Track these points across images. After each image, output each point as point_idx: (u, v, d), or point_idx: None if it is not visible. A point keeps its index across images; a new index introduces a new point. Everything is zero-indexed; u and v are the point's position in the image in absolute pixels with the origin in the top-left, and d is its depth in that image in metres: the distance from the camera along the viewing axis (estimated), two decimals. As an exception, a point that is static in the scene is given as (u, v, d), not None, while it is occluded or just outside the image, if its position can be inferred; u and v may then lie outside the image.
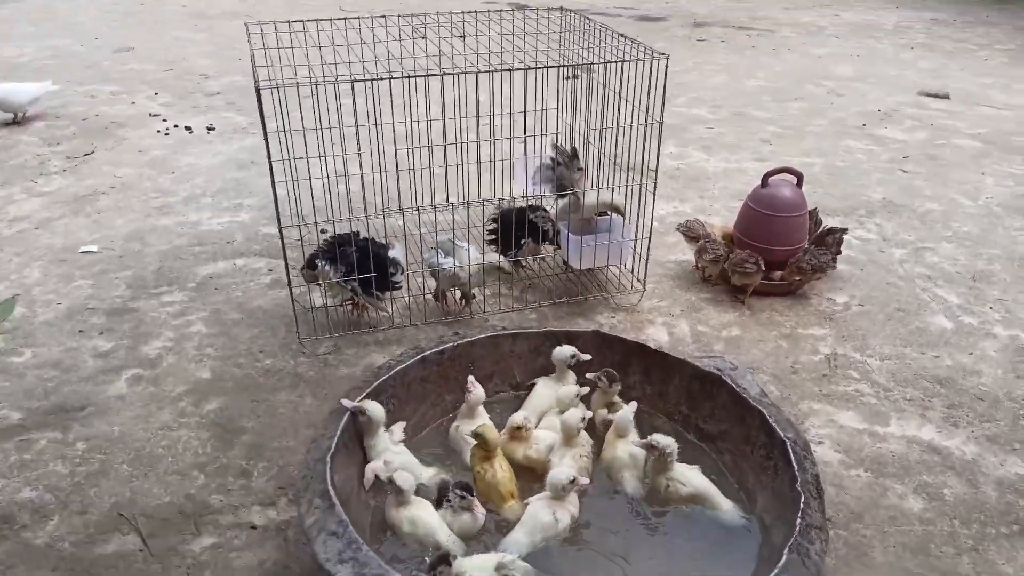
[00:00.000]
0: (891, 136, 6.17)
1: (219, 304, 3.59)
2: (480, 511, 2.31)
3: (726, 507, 2.40)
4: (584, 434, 2.58)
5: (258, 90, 2.76)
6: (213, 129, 5.78)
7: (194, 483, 2.58)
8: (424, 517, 2.25)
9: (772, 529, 2.27)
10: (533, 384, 2.90)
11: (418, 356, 2.74)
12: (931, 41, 9.38)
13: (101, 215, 4.42)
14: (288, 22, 3.50)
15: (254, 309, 3.55)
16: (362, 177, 3.38)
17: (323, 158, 3.15)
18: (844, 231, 4.04)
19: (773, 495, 2.34)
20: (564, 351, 2.81)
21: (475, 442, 2.50)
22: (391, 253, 3.31)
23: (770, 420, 2.42)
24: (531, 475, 2.54)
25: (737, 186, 5.08)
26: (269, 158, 2.88)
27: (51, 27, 8.64)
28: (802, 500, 2.13)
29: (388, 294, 3.37)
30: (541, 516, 2.27)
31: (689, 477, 2.42)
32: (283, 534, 2.40)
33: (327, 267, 3.20)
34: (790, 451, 2.30)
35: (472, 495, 2.31)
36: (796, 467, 2.24)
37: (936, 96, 7.22)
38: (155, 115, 6.05)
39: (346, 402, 2.42)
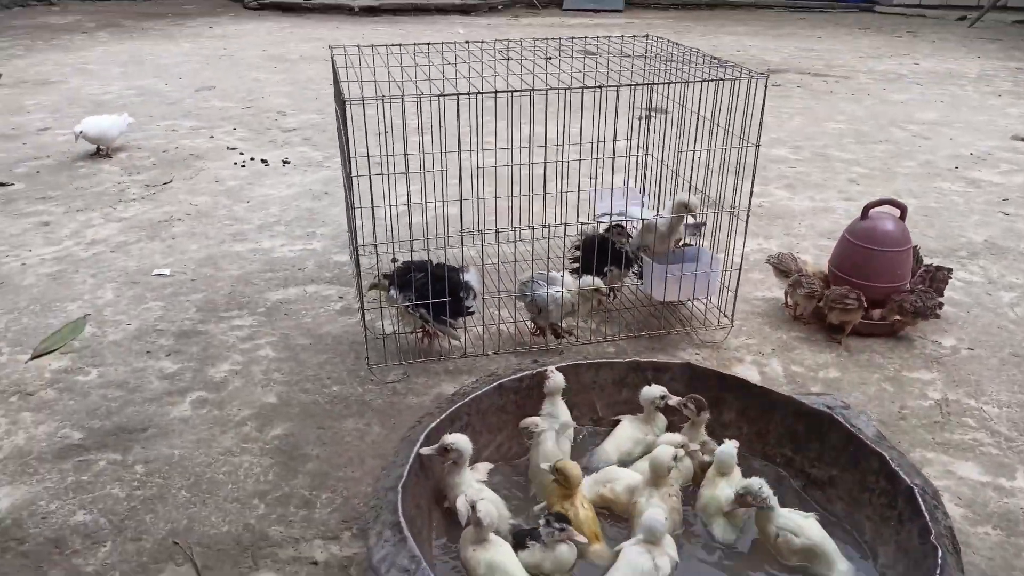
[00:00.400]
0: (986, 179, 5.82)
1: (288, 329, 3.48)
2: (580, 538, 2.09)
3: (843, 568, 2.11)
4: (675, 473, 2.34)
5: (342, 102, 2.68)
6: (288, 162, 5.81)
7: (254, 512, 2.42)
8: (505, 564, 2.04)
9: (899, 590, 1.98)
10: (617, 420, 2.68)
11: (495, 383, 2.55)
12: (1019, 89, 8.97)
13: (176, 240, 4.41)
14: (372, 46, 3.46)
15: (323, 335, 3.44)
16: (452, 202, 3.27)
17: (403, 174, 3.03)
18: (950, 271, 3.73)
19: (898, 549, 2.05)
20: (653, 391, 2.59)
21: (554, 478, 2.28)
22: (465, 277, 3.16)
23: (892, 464, 2.15)
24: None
25: (825, 224, 4.82)
26: (347, 171, 2.78)
27: (137, 69, 8.96)
28: (939, 555, 1.84)
29: (461, 320, 3.20)
30: (640, 562, 2.03)
31: (803, 527, 2.15)
32: (346, 572, 2.21)
33: (395, 293, 3.07)
34: (919, 499, 2.02)
35: (570, 525, 2.09)
36: (927, 517, 1.96)
37: (1032, 141, 6.84)
38: (232, 148, 6.13)
39: (424, 450, 2.23)
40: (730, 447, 2.34)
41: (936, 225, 4.87)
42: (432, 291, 3.00)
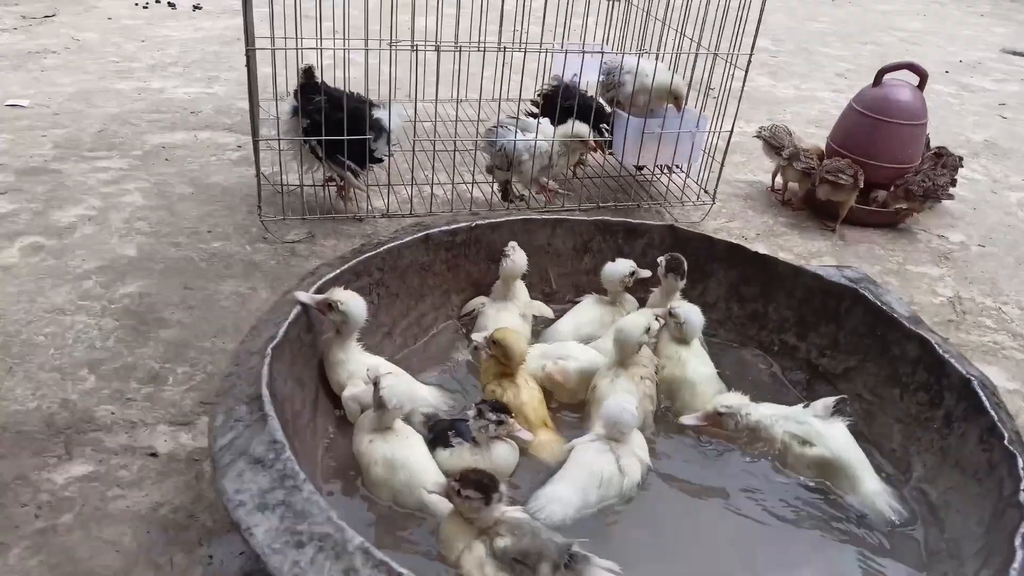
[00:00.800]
0: (980, 85, 5.34)
1: (167, 176, 2.78)
2: (525, 434, 1.53)
3: (873, 487, 1.57)
4: (647, 351, 1.77)
5: None
6: (200, 8, 4.93)
7: (79, 386, 1.79)
8: (410, 460, 1.46)
9: (947, 511, 1.48)
10: (576, 302, 2.09)
11: (420, 234, 1.93)
12: (999, 11, 8.51)
13: (44, 72, 3.60)
14: None
15: (210, 185, 2.75)
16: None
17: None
18: (960, 158, 3.21)
19: (944, 460, 1.54)
20: (619, 268, 1.99)
21: (489, 352, 1.70)
22: (376, 113, 2.45)
23: (939, 350, 1.62)
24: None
25: (812, 112, 4.27)
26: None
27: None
28: (1019, 465, 1.33)
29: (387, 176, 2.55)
30: (600, 465, 1.47)
31: (821, 434, 1.60)
32: (196, 468, 1.61)
33: (290, 107, 2.38)
34: (979, 394, 1.49)
35: (511, 416, 1.51)
36: (995, 417, 1.44)
37: (1023, 55, 6.39)
38: (135, -9, 5.20)
39: (302, 295, 1.60)
40: (693, 308, 1.81)
41: (933, 123, 4.31)
42: (330, 122, 2.31)
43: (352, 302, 1.61)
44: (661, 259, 1.92)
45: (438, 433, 1.58)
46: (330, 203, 2.65)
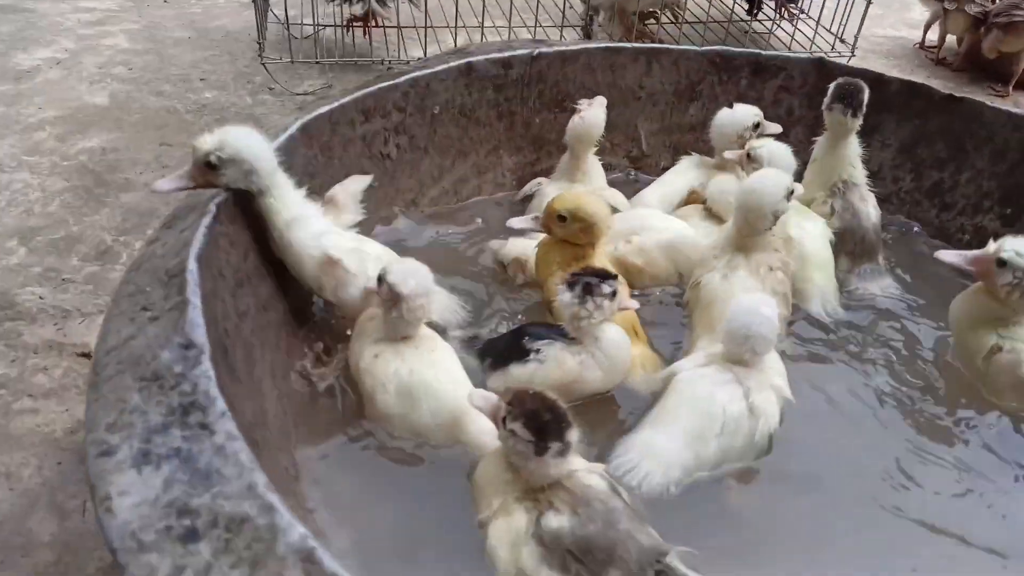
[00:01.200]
0: None
1: (162, 18, 2.28)
2: (632, 303, 1.04)
3: None
4: (779, 229, 1.18)
5: None
6: None
7: (1, 260, 1.33)
8: (438, 380, 0.96)
9: None
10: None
11: (459, 62, 1.37)
12: None
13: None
14: None
15: (212, 29, 2.23)
16: None
17: None
18: None
19: None
20: (739, 116, 1.38)
21: (555, 224, 1.14)
22: None
23: None
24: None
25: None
26: None
27: None
28: None
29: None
30: (719, 402, 0.93)
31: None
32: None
33: None
34: None
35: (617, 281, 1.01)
36: None
37: None
38: None
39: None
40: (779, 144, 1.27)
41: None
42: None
43: (230, 137, 0.97)
44: (836, 86, 1.30)
45: (498, 352, 1.04)
46: (353, 47, 2.09)
